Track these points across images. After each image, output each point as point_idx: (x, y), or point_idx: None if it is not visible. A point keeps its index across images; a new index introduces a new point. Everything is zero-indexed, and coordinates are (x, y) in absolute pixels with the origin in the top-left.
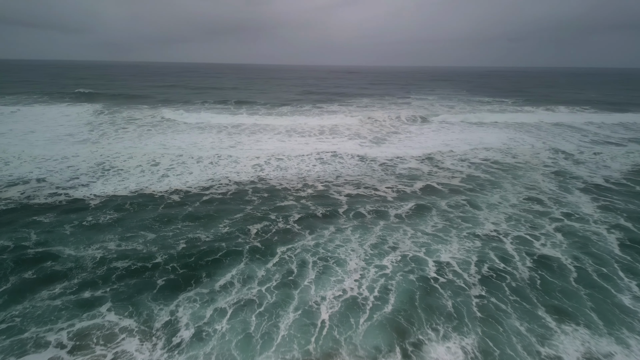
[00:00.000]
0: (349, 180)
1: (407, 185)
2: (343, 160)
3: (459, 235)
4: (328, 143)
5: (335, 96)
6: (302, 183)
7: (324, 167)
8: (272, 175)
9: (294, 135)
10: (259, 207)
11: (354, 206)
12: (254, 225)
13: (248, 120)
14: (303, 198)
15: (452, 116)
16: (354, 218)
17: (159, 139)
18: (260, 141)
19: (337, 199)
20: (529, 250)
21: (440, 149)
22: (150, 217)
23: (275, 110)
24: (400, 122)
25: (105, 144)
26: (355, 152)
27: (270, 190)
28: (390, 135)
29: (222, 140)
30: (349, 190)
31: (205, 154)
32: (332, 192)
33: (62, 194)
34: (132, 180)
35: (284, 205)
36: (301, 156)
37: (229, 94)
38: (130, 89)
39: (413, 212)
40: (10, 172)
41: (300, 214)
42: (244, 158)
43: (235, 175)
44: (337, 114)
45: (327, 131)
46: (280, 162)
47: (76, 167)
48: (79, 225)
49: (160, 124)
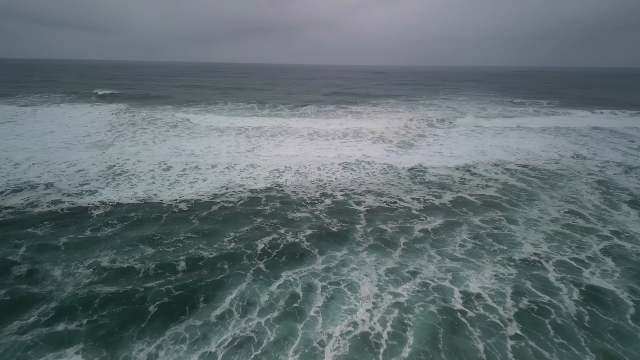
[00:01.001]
0: (371, 189)
1: (435, 196)
2: (367, 167)
3: (492, 258)
4: (351, 147)
5: (360, 97)
6: (320, 191)
7: (345, 174)
8: (289, 182)
9: (317, 139)
10: (269, 218)
11: (373, 220)
12: (261, 240)
13: (269, 122)
14: (319, 209)
15: (484, 119)
16: (372, 235)
17: (175, 142)
18: (280, 145)
19: (355, 211)
20: (575, 279)
21: (472, 155)
22: (152, 229)
23: (299, 112)
24: (428, 125)
25: (120, 146)
26: (380, 157)
27: (284, 200)
28: (418, 139)
29: (240, 144)
30: (371, 201)
31: (222, 158)
32: (351, 202)
33: (66, 201)
34: (141, 187)
35: (297, 217)
36: (322, 161)
37: (252, 94)
38: (155, 89)
39: (440, 228)
40: (20, 175)
41: (313, 229)
42: (261, 163)
43: (251, 182)
44: (362, 116)
45: (351, 134)
46: (300, 168)
47: (86, 170)
48: (74, 238)
49: (179, 125)
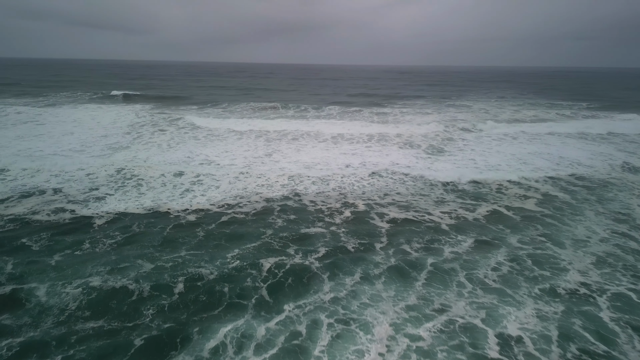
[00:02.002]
0: (396, 201)
1: (467, 210)
2: (392, 174)
3: (533, 289)
4: (377, 152)
5: (387, 98)
6: (340, 202)
7: (369, 182)
8: (309, 191)
9: (341, 142)
10: (280, 233)
11: (396, 238)
12: (267, 260)
13: (291, 124)
14: (336, 223)
15: (519, 123)
16: (394, 257)
17: (192, 145)
18: (302, 150)
19: (377, 226)
20: (635, 320)
21: (509, 163)
22: (154, 243)
23: (323, 113)
24: (460, 129)
25: (135, 149)
26: (407, 164)
27: (300, 211)
28: (448, 143)
29: (259, 147)
30: (395, 214)
31: (238, 163)
32: (373, 215)
33: (69, 210)
34: (150, 195)
35: (311, 232)
36: (346, 168)
37: (276, 95)
38: (181, 90)
39: (473, 249)
40: (31, 180)
41: (326, 247)
42: (280, 169)
43: (267, 190)
44: (389, 117)
45: (376, 138)
46: (321, 175)
47: (97, 175)
48: (70, 252)
49: (198, 127)
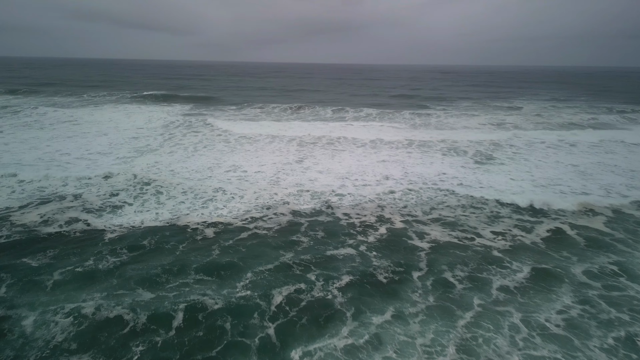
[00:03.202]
0: (440, 218)
1: (524, 230)
2: (437, 187)
3: (606, 340)
4: (420, 160)
5: (429, 100)
6: (376, 216)
7: (410, 195)
8: (342, 203)
9: (380, 148)
10: (303, 253)
11: (437, 264)
12: (281, 289)
13: (328, 128)
14: (368, 242)
15: (577, 129)
16: (433, 289)
17: (221, 149)
18: (337, 155)
19: (415, 248)
20: None
21: (570, 173)
22: (162, 263)
23: (362, 115)
24: (511, 134)
25: (162, 152)
26: (454, 174)
27: (330, 226)
28: (498, 150)
29: (291, 153)
30: (438, 233)
31: (268, 170)
32: (412, 234)
33: (82, 220)
34: (169, 204)
35: (338, 254)
36: (384, 177)
37: (314, 96)
38: (220, 90)
39: (529, 282)
40: (52, 184)
41: (353, 275)
42: (314, 178)
43: (296, 201)
44: (431, 120)
45: (419, 143)
46: (357, 185)
47: (119, 181)
48: (70, 271)
49: (230, 129)
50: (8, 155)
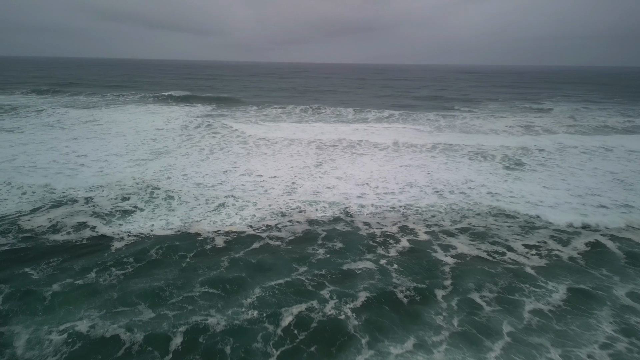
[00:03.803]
0: (468, 229)
1: (560, 243)
2: (463, 194)
3: None
4: (445, 165)
5: (455, 102)
6: (398, 226)
7: (434, 203)
8: (363, 210)
9: (403, 151)
10: (317, 267)
11: (463, 282)
12: (291, 309)
13: (349, 129)
14: (389, 256)
15: (613, 133)
16: (458, 312)
17: (238, 152)
18: (358, 159)
19: (440, 263)
20: None
21: (609, 182)
22: (167, 276)
23: (385, 116)
24: (542, 138)
25: (177, 154)
26: (483, 181)
27: (348, 238)
28: (529, 155)
29: (310, 156)
30: (465, 247)
31: (284, 175)
32: (436, 246)
33: (91, 226)
34: (180, 211)
35: (355, 269)
36: (407, 183)
37: (337, 97)
38: (243, 90)
39: (566, 306)
40: (65, 187)
41: (371, 293)
42: (332, 184)
43: (314, 208)
44: (457, 122)
45: (444, 147)
46: (379, 191)
47: (131, 184)
48: (71, 284)
49: (249, 131)
50: (23, 157)
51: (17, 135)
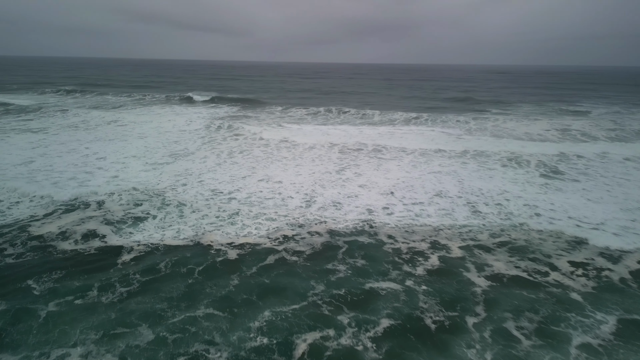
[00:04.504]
0: (505, 243)
1: (610, 261)
2: (499, 206)
3: None
4: (477, 173)
5: (486, 104)
6: (427, 241)
7: (467, 216)
8: (387, 224)
9: (431, 157)
10: (336, 287)
11: (498, 309)
12: (303, 337)
13: (375, 132)
14: (416, 275)
15: None
16: (492, 346)
17: (257, 155)
18: (383, 165)
19: (472, 286)
20: None
21: None
22: (172, 294)
23: (412, 119)
24: (582, 143)
25: (195, 158)
26: (519, 192)
27: (371, 253)
28: (567, 163)
29: (333, 161)
30: (502, 266)
31: (304, 182)
32: (469, 265)
33: (100, 235)
34: (193, 219)
35: (378, 289)
36: (437, 192)
37: (362, 98)
38: (268, 91)
39: (618, 340)
40: (80, 191)
41: (394, 319)
42: (355, 191)
43: (335, 218)
44: (488, 124)
45: (475, 152)
46: (406, 202)
47: (144, 189)
48: (70, 302)
49: (270, 134)
50: (42, 160)
51: (41, 137)
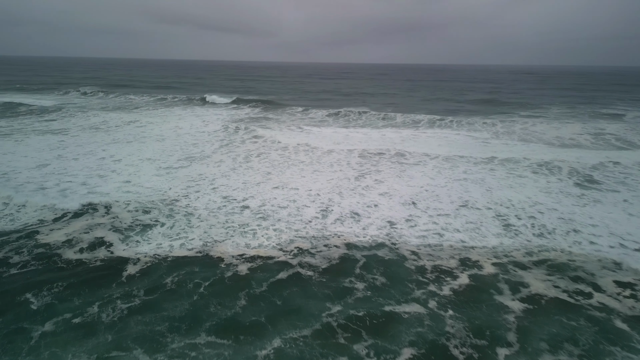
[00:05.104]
0: (542, 260)
1: None
2: (532, 219)
3: None
4: (506, 181)
5: (512, 105)
6: (456, 258)
7: (498, 230)
8: (411, 236)
9: (456, 162)
10: (353, 308)
11: (534, 338)
12: None
13: (398, 136)
14: (443, 296)
15: None
16: None
17: (274, 160)
18: (406, 171)
19: (504, 310)
20: None
21: None
22: (175, 313)
23: (436, 121)
24: (618, 149)
25: (210, 162)
26: (553, 204)
27: (393, 270)
28: (603, 171)
29: (354, 166)
30: (537, 286)
31: (321, 189)
32: (501, 286)
33: (107, 243)
34: (202, 228)
35: (401, 312)
36: (464, 203)
37: (384, 99)
38: (289, 92)
39: None
40: (90, 195)
41: (418, 348)
42: (375, 201)
43: (353, 231)
44: (516, 127)
45: (503, 158)
46: (430, 212)
47: (153, 196)
48: (67, 320)
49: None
50: (57, 163)
51: (60, 138)
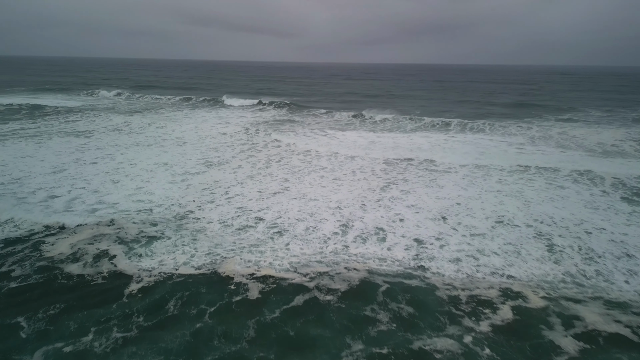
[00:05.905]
0: (596, 294)
1: None
2: (580, 240)
3: None
4: (546, 193)
5: (548, 108)
6: (496, 289)
7: (542, 254)
8: (441, 260)
9: (490, 171)
10: (376, 344)
11: None
12: None
13: (427, 142)
14: (481, 332)
15: None
16: None
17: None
18: (435, 182)
19: (556, 348)
20: None
21: None
22: (172, 345)
23: (467, 125)
24: None
25: (228, 168)
26: (601, 223)
27: (421, 299)
28: None
29: (379, 175)
30: (595, 320)
31: (345, 200)
32: (552, 320)
33: (111, 255)
34: (213, 244)
35: (430, 350)
36: (500, 220)
37: (414, 101)
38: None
39: None
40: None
41: None
42: (400, 217)
43: (377, 252)
44: (552, 132)
45: (541, 166)
46: (462, 231)
47: (164, 205)
48: (58, 350)
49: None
50: (73, 167)
51: (82, 141)
